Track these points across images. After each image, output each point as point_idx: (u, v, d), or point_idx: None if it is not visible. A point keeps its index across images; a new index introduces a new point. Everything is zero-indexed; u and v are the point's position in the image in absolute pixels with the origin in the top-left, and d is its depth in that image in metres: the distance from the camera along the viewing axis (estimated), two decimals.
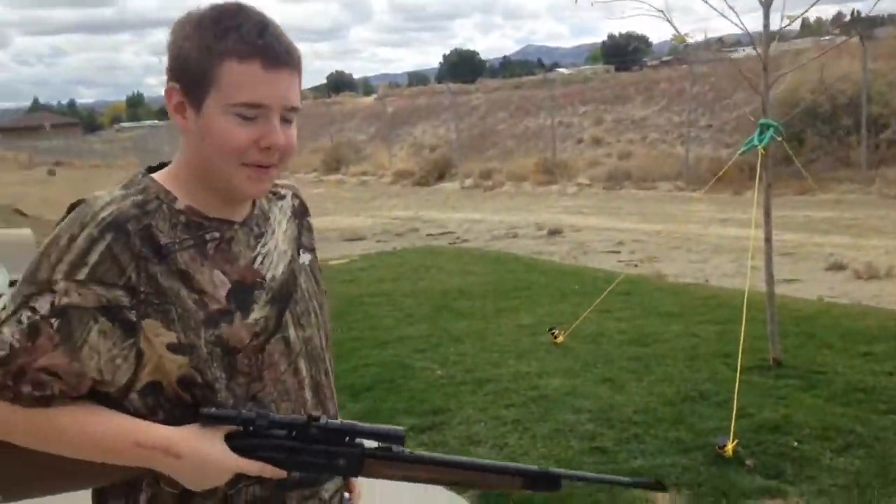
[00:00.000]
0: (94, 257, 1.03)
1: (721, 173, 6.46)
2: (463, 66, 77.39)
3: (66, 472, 1.09)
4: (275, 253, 1.18)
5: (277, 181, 1.23)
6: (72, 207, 1.09)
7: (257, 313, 1.11)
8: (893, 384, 4.22)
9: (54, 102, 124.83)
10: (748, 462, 3.46)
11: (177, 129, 1.14)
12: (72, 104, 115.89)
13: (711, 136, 15.79)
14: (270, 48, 1.07)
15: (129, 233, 1.05)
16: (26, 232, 9.63)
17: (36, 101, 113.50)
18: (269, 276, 1.16)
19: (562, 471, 1.22)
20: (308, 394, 1.17)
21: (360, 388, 4.76)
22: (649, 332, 5.56)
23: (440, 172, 19.42)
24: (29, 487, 1.12)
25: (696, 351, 5.04)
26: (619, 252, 9.11)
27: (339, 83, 79.49)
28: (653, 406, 4.18)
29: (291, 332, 1.16)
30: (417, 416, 4.28)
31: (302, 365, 1.17)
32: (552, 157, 17.18)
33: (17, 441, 1.06)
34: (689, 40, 4.94)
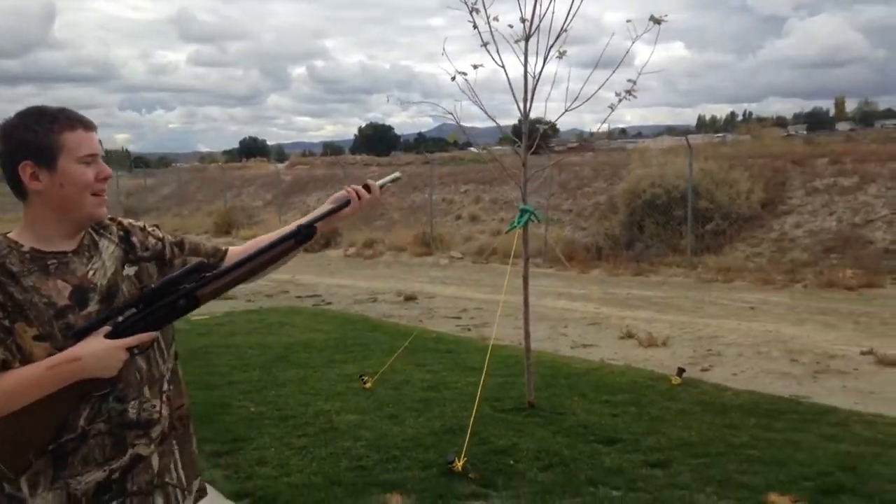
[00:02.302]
0: None
1: (486, 253, 7.48)
2: (377, 139, 78.82)
3: (28, 428, 1.54)
4: (102, 268, 1.68)
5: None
6: None
7: (91, 307, 1.63)
8: (609, 422, 5.24)
9: None
10: (471, 475, 4.35)
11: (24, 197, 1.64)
12: None
13: (571, 220, 17.26)
14: (82, 119, 1.66)
15: None
16: None
17: None
18: (98, 283, 1.66)
19: (313, 221, 1.80)
20: (138, 358, 1.68)
21: None
22: (447, 382, 6.45)
23: (326, 240, 20.20)
24: (22, 452, 1.55)
25: (474, 396, 5.95)
26: (460, 318, 10.08)
27: (251, 148, 79.69)
28: (418, 436, 5.05)
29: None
30: (220, 444, 4.98)
31: None
32: (430, 231, 18.29)
33: None
34: (452, 139, 5.99)
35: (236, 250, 1.93)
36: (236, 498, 4.17)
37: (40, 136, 1.61)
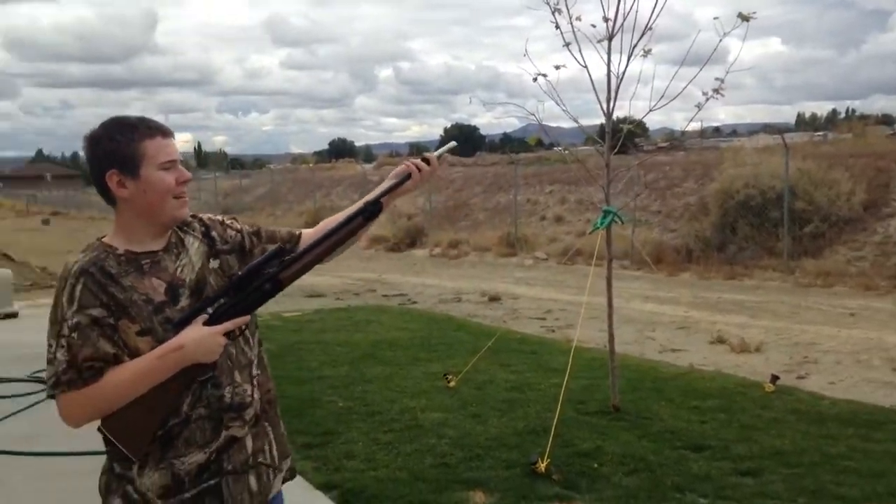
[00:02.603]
0: (76, 293, 1.65)
1: (570, 254, 7.40)
2: (462, 140, 78.99)
3: (145, 415, 1.67)
4: (190, 264, 1.80)
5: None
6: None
7: (183, 302, 1.74)
8: (698, 429, 5.13)
9: (58, 154, 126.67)
10: (554, 476, 4.34)
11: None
12: (74, 157, 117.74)
13: (660, 221, 16.91)
14: (160, 127, 1.76)
15: (92, 273, 1.66)
16: (5, 272, 10.58)
17: (40, 151, 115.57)
18: (187, 279, 1.77)
19: (378, 197, 1.89)
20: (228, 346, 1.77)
21: None
22: (531, 383, 6.45)
23: (412, 240, 20.50)
24: (142, 438, 1.69)
25: (558, 398, 5.93)
26: (544, 319, 10.05)
27: (340, 149, 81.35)
28: (501, 435, 5.07)
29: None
30: (310, 436, 5.14)
31: None
32: (514, 232, 18.27)
33: (103, 410, 1.65)
34: (533, 142, 5.97)
35: (308, 232, 2.01)
36: (325, 489, 4.29)
37: (123, 145, 1.71)
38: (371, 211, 1.87)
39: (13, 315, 9.82)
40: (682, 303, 10.88)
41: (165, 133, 1.76)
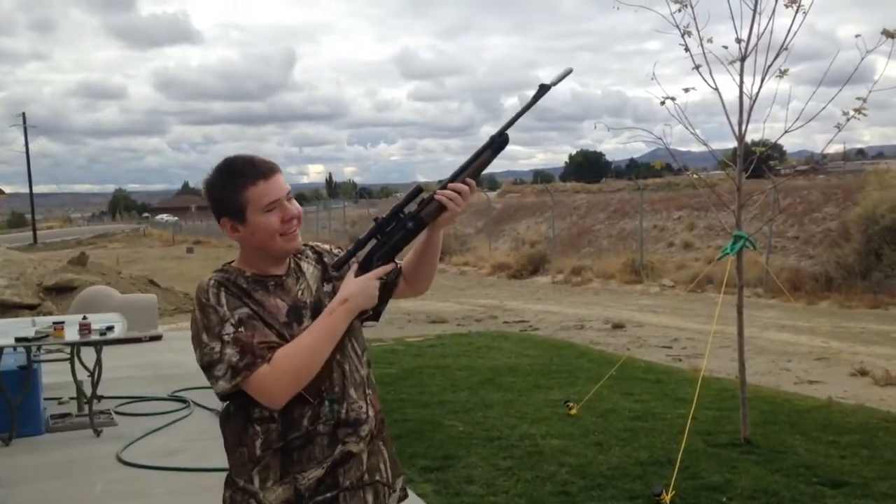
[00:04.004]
0: (223, 299, 1.76)
1: (697, 280, 7.13)
2: (587, 167, 78.19)
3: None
4: (308, 288, 1.90)
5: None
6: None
7: (306, 322, 1.82)
8: (836, 464, 4.82)
9: (201, 186, 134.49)
10: None
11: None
12: None
13: (797, 248, 16.07)
14: (260, 169, 1.81)
15: (227, 286, 1.79)
16: (151, 297, 11.38)
17: (186, 184, 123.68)
18: (307, 301, 1.87)
19: (504, 129, 1.86)
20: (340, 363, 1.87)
21: (392, 436, 5.74)
22: (656, 412, 6.27)
23: (535, 267, 20.41)
24: (317, 382, 1.79)
25: (684, 428, 5.73)
26: (671, 347, 9.75)
27: None
28: (624, 465, 4.96)
29: None
30: (430, 459, 5.21)
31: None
32: (640, 259, 17.85)
33: (298, 380, 1.73)
34: (659, 166, 5.82)
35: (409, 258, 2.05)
36: None
37: (228, 194, 1.81)
38: (499, 142, 1.88)
39: (158, 338, 10.51)
40: (820, 333, 10.27)
41: (267, 175, 1.81)
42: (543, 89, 1.89)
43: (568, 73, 1.96)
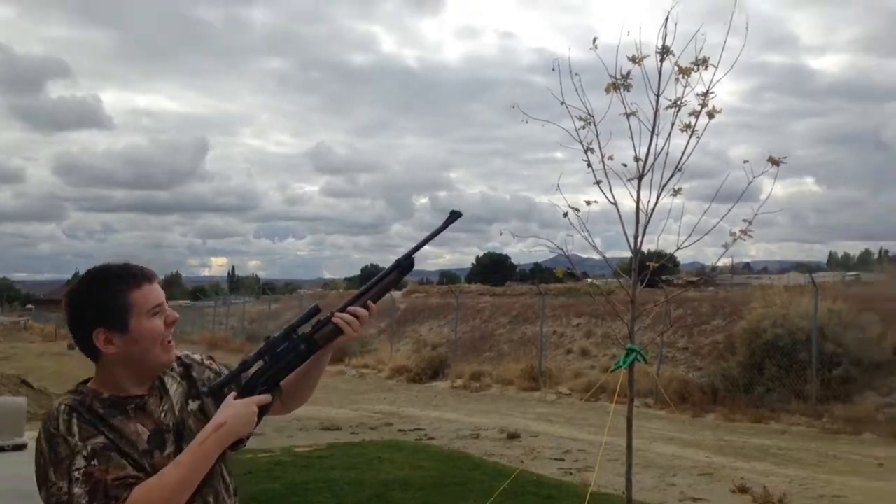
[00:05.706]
0: (74, 428, 1.62)
1: (592, 390, 7.25)
2: (493, 268, 79.48)
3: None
4: (171, 409, 1.78)
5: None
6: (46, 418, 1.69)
7: (169, 448, 1.72)
8: None
9: None
10: None
11: (105, 355, 1.73)
12: None
13: (686, 359, 16.63)
14: (143, 272, 1.75)
15: (80, 411, 1.65)
16: (21, 401, 10.59)
17: (76, 274, 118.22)
18: (170, 423, 1.75)
19: (411, 255, 1.87)
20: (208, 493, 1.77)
21: None
22: None
23: (434, 371, 20.31)
24: None
25: None
26: (563, 460, 9.74)
27: (371, 275, 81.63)
28: None
29: None
30: None
31: None
32: (538, 365, 18.05)
33: None
34: (560, 274, 6.03)
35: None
36: None
37: (108, 300, 1.69)
38: (405, 265, 1.87)
39: (22, 447, 9.72)
40: (705, 446, 10.51)
41: (150, 278, 1.75)
42: (454, 216, 1.91)
43: (455, 218, 1.96)
